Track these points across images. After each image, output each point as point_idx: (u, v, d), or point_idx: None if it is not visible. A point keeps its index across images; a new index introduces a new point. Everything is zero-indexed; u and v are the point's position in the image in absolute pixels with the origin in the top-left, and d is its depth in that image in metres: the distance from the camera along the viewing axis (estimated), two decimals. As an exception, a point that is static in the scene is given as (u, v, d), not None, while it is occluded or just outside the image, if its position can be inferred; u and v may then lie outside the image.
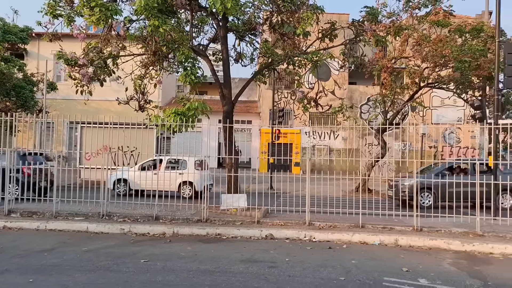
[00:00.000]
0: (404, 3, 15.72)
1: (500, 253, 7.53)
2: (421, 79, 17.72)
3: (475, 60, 15.53)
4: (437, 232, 8.59)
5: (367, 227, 8.97)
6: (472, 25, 17.08)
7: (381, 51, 18.53)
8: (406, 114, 20.51)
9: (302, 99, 13.51)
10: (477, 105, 14.89)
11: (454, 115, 28.79)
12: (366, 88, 29.70)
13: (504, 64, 10.45)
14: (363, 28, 12.51)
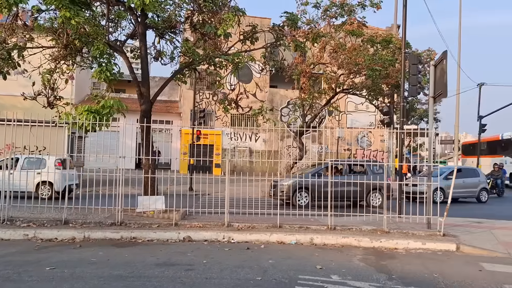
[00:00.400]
0: (322, 12, 16.42)
1: (403, 248, 8.09)
2: (337, 85, 18.64)
3: (384, 69, 16.68)
4: (349, 230, 9.03)
5: (284, 227, 9.16)
6: (382, 37, 18.33)
7: (300, 56, 19.18)
8: (323, 118, 21.43)
9: (223, 100, 13.51)
10: (386, 111, 15.99)
11: (367, 120, 30.69)
12: (286, 91, 30.54)
13: (409, 74, 11.29)
14: (283, 33, 12.80)
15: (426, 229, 9.08)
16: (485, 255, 7.64)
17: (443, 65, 9.01)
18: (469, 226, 10.17)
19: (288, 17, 12.57)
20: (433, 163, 9.67)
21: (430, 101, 9.49)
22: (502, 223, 11.05)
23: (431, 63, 9.67)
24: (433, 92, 9.36)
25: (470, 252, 7.83)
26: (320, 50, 18.61)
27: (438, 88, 9.19)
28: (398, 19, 24.14)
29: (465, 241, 8.32)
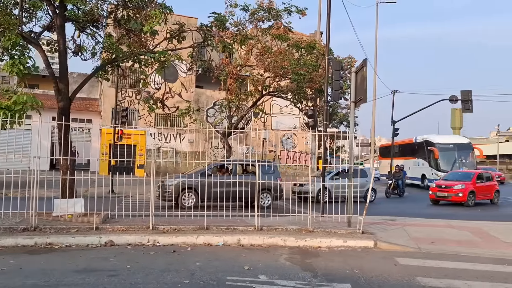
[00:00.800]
0: (250, 15, 16.61)
1: (327, 246, 8.42)
2: (264, 87, 18.95)
3: (309, 74, 17.27)
4: (275, 230, 9.19)
5: (211, 229, 9.10)
6: (307, 42, 18.98)
7: (227, 58, 19.23)
8: (250, 119, 21.66)
9: (148, 99, 13.12)
10: (311, 114, 16.54)
11: (291, 122, 31.57)
12: (213, 92, 30.45)
13: (332, 79, 11.78)
14: (211, 33, 12.74)
15: (347, 227, 9.53)
16: (399, 250, 8.19)
17: (364, 72, 9.54)
18: (385, 223, 10.85)
19: (216, 17, 12.54)
20: (353, 165, 10.15)
21: (351, 105, 10.00)
22: (413, 220, 11.95)
23: (352, 70, 10.18)
24: (354, 97, 9.86)
25: (386, 248, 8.34)
26: (247, 53, 18.81)
27: (359, 94, 9.71)
28: (322, 26, 25.21)
29: (382, 238, 8.86)
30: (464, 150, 28.12)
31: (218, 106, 24.96)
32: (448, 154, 27.49)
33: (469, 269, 6.90)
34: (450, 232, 10.02)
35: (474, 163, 28.25)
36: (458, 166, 26.68)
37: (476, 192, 18.40)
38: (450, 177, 20.42)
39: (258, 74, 19.17)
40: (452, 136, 31.97)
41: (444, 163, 27.08)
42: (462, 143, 28.91)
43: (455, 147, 27.97)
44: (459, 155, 27.51)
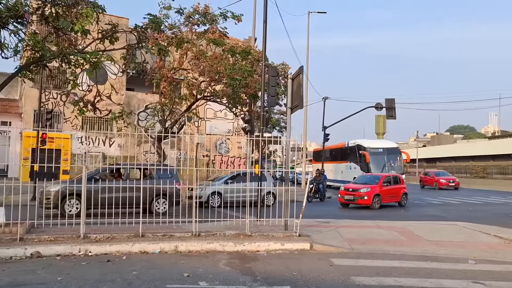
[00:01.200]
0: (185, 18, 16.42)
1: (265, 250, 8.52)
2: (198, 91, 18.79)
3: (244, 79, 17.41)
4: (213, 235, 9.13)
5: (147, 236, 8.84)
6: (242, 48, 19.13)
7: (161, 61, 18.81)
8: (183, 123, 21.33)
9: (77, 101, 12.46)
10: (248, 119, 16.72)
11: (225, 127, 31.61)
12: (145, 95, 29.66)
13: (268, 85, 12.00)
14: (146, 35, 12.42)
15: (284, 230, 9.71)
16: (333, 251, 8.50)
17: (300, 79, 9.83)
18: (320, 226, 11.22)
19: (151, 19, 12.24)
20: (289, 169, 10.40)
21: (288, 112, 10.24)
22: (345, 221, 12.48)
23: (289, 76, 10.45)
24: (290, 104, 10.12)
25: (321, 250, 8.62)
26: (182, 56, 18.56)
27: (295, 100, 9.98)
28: (256, 32, 25.60)
29: (317, 240, 9.15)
30: (393, 154, 29.26)
31: (151, 110, 24.28)
32: (378, 158, 28.48)
33: (398, 266, 7.34)
34: (379, 232, 10.60)
35: (401, 167, 29.50)
36: (388, 170, 27.78)
37: (381, 195, 18.66)
38: (359, 180, 20.92)
39: (193, 78, 18.98)
40: (382, 140, 33.58)
41: (375, 166, 28.02)
42: (391, 147, 30.09)
43: (385, 151, 29.08)
44: (388, 159, 28.65)
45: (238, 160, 31.24)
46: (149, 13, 12.30)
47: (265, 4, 12.40)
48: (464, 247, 9.09)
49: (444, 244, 9.28)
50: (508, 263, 7.75)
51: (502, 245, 9.38)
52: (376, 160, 28.35)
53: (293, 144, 66.85)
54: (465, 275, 6.84)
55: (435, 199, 24.88)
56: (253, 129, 14.74)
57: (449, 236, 10.34)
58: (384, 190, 19.00)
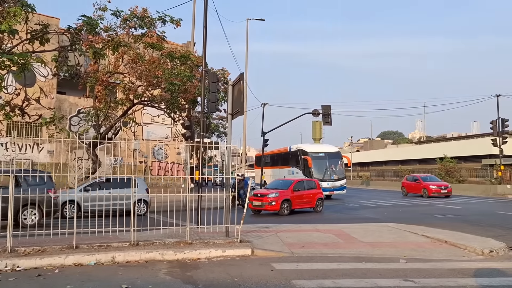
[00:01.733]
0: (122, 21, 15.93)
1: (206, 257, 8.45)
2: (135, 96, 18.28)
3: (183, 84, 17.21)
4: (152, 244, 8.90)
5: (82, 247, 8.42)
6: (181, 52, 18.91)
7: (96, 64, 18.10)
8: (119, 129, 20.63)
9: (3, 106, 11.65)
10: (187, 125, 16.49)
11: (163, 133, 30.96)
12: (78, 99, 28.34)
13: (208, 91, 11.97)
14: (80, 37, 11.94)
15: (225, 237, 9.69)
16: (274, 256, 8.62)
17: (240, 86, 9.90)
18: (260, 231, 11.32)
19: (86, 21, 11.80)
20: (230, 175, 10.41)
21: (228, 118, 10.25)
22: (284, 226, 12.70)
23: (229, 83, 10.48)
24: (231, 110, 10.15)
25: (262, 255, 8.71)
26: (118, 59, 17.98)
27: (236, 106, 10.03)
28: (195, 36, 25.42)
29: (258, 245, 9.22)
30: (334, 159, 29.57)
31: (84, 115, 23.25)
32: (320, 163, 28.69)
33: (336, 268, 7.60)
34: (318, 235, 10.91)
35: (343, 171, 29.85)
36: (330, 174, 28.21)
37: (292, 201, 17.94)
38: (271, 185, 20.23)
39: (130, 82, 18.43)
40: (324, 145, 33.56)
41: (317, 171, 28.22)
42: (333, 152, 30.34)
43: (326, 156, 29.31)
44: (330, 163, 28.87)
45: (176, 166, 30.73)
46: (83, 14, 11.86)
47: (205, 10, 12.38)
48: (395, 247, 9.60)
49: (377, 245, 9.74)
50: (434, 261, 8.30)
51: (429, 244, 10.02)
52: (318, 165, 28.52)
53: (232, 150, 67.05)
54: (397, 274, 7.23)
55: (369, 201, 26.05)
56: (193, 135, 14.56)
57: (382, 237, 10.87)
58: (296, 195, 18.32)
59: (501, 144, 32.67)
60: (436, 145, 59.77)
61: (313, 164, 28.29)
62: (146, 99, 18.81)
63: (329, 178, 28.31)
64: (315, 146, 32.58)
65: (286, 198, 17.75)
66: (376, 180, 55.56)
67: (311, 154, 28.98)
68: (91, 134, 20.52)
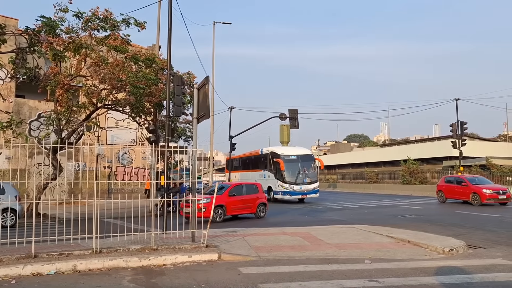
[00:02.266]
0: (84, 22, 15.50)
1: (172, 263, 8.29)
2: (98, 99, 17.81)
3: (148, 87, 16.91)
4: (116, 251, 8.66)
5: (41, 256, 8.09)
6: (145, 55, 18.59)
7: (56, 66, 17.54)
8: (82, 133, 20.05)
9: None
10: (152, 129, 16.21)
11: (128, 137, 30.33)
12: (38, 103, 27.39)
13: (174, 94, 11.81)
14: (39, 39, 11.54)
15: (191, 242, 9.55)
16: (241, 260, 8.56)
17: (206, 89, 9.81)
18: (227, 235, 11.24)
19: (45, 22, 11.42)
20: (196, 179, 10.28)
21: (194, 121, 10.14)
22: (252, 230, 12.65)
23: (194, 86, 10.37)
24: (197, 113, 10.04)
25: (229, 259, 8.63)
26: (80, 62, 17.48)
27: (201, 110, 9.92)
28: (161, 39, 25.06)
29: (225, 250, 9.14)
30: (307, 161, 28.68)
31: (45, 119, 22.48)
32: (292, 165, 27.89)
33: (302, 271, 7.62)
34: (285, 238, 10.93)
35: (316, 174, 29.02)
36: (302, 177, 27.51)
37: (227, 206, 16.84)
38: (209, 191, 18.32)
39: (93, 86, 17.94)
40: (296, 147, 31.86)
41: (289, 174, 27.51)
42: (305, 154, 29.41)
43: (299, 158, 28.43)
44: (302, 166, 28.09)
45: (142, 171, 30.15)
46: (43, 15, 11.48)
47: (170, 12, 12.22)
48: (360, 248, 9.74)
49: (343, 246, 9.86)
50: (397, 261, 8.47)
51: (392, 244, 10.23)
52: (290, 168, 27.81)
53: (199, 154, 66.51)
54: (362, 274, 7.33)
55: (336, 204, 26.43)
56: (158, 139, 14.30)
57: (348, 238, 11.02)
58: (231, 200, 17.18)
59: (460, 146, 33.85)
60: (400, 147, 61.34)
61: (285, 167, 27.48)
62: (110, 102, 18.36)
63: (301, 181, 27.63)
64: (287, 148, 31.18)
65: (219, 204, 16.47)
66: (343, 182, 56.46)
67: (283, 157, 28.11)
68: (52, 139, 19.85)
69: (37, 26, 11.96)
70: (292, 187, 27.29)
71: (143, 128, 21.33)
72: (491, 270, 7.61)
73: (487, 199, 22.20)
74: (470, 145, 38.50)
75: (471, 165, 39.51)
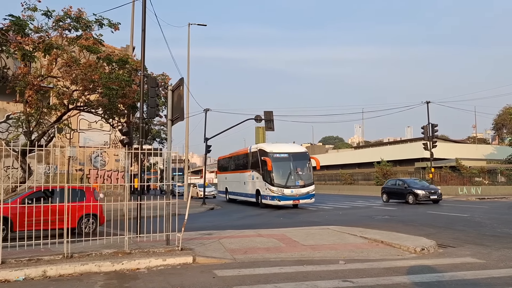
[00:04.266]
0: (54, 22, 15.10)
1: (146, 267, 8.18)
2: (70, 101, 17.38)
3: (121, 89, 16.58)
4: (88, 256, 8.48)
5: (9, 262, 7.84)
6: (119, 56, 18.24)
7: (26, 66, 17.03)
8: (53, 135, 19.54)
9: None
10: (126, 131, 15.90)
11: (101, 139, 29.75)
12: (6, 104, 26.58)
13: (148, 96, 11.68)
14: (7, 38, 11.21)
15: (166, 245, 9.44)
16: (216, 263, 8.52)
17: (180, 91, 9.73)
18: (202, 238, 11.16)
19: (14, 21, 11.11)
20: (171, 182, 10.17)
21: (168, 123, 10.05)
22: (227, 232, 12.61)
23: (169, 88, 10.27)
24: (171, 115, 9.95)
25: (204, 262, 8.58)
26: (51, 62, 17.03)
27: (175, 112, 9.84)
28: (134, 40, 24.75)
29: (200, 253, 9.08)
30: (301, 160, 24.58)
31: (14, 121, 21.80)
32: (282, 165, 23.89)
33: (278, 272, 7.64)
34: (260, 240, 10.94)
35: (311, 175, 24.87)
36: (294, 179, 23.69)
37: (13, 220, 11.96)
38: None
39: (64, 87, 17.49)
40: (288, 144, 27.97)
41: (279, 175, 23.60)
42: (299, 152, 25.32)
43: (291, 157, 24.35)
44: (295, 166, 24.09)
45: (115, 174, 29.63)
46: (11, 14, 11.15)
47: (144, 13, 12.09)
48: (335, 249, 9.85)
49: (318, 248, 9.94)
50: (371, 261, 8.60)
51: (366, 245, 10.38)
52: (279, 168, 23.71)
53: (174, 156, 65.92)
54: (336, 275, 7.40)
55: (311, 205, 26.61)
56: (132, 141, 14.07)
57: (323, 239, 11.12)
58: (25, 211, 12.05)
59: (431, 148, 34.70)
60: (373, 149, 62.44)
61: (273, 167, 23.45)
62: (82, 104, 17.92)
63: (293, 184, 23.62)
64: (277, 145, 26.30)
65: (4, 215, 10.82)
66: (318, 184, 56.84)
67: (272, 155, 23.92)
68: (22, 141, 19.27)
69: (5, 25, 11.61)
70: (281, 191, 23.42)
71: (116, 130, 20.95)
72: (460, 269, 7.82)
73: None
74: (440, 147, 39.51)
75: (441, 166, 40.58)
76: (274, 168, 23.56)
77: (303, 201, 24.04)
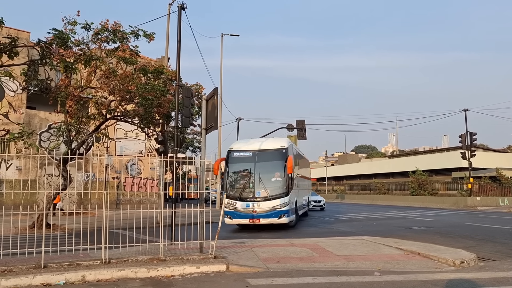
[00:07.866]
0: (93, 35, 15.72)
1: (180, 274, 8.28)
2: (108, 111, 17.99)
3: (157, 99, 17.05)
4: (124, 262, 8.68)
5: (50, 267, 8.13)
6: (154, 67, 18.77)
7: (67, 78, 17.78)
8: (91, 144, 20.21)
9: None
10: (161, 140, 16.28)
11: (137, 148, 30.53)
12: (48, 114, 27.75)
13: (182, 105, 11.91)
14: (51, 51, 11.73)
15: (199, 253, 9.54)
16: (249, 272, 8.52)
17: (214, 100, 9.89)
18: (235, 246, 11.21)
19: (57, 34, 11.62)
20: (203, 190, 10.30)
21: (202, 132, 10.20)
22: (260, 241, 12.61)
23: (203, 97, 10.44)
24: (205, 124, 10.11)
25: (237, 271, 8.60)
26: (90, 74, 17.70)
27: (210, 121, 9.99)
28: (170, 51, 25.37)
29: (233, 261, 9.12)
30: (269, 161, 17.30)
31: (55, 130, 22.71)
32: (240, 167, 17.47)
33: (311, 282, 7.56)
34: (293, 250, 10.87)
35: (284, 182, 16.78)
36: (252, 188, 16.81)
37: None
38: None
39: (102, 97, 18.14)
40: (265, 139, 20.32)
41: (232, 181, 17.56)
42: (267, 150, 17.57)
43: (254, 156, 17.29)
44: (258, 168, 16.88)
45: (150, 182, 30.24)
46: (54, 28, 11.68)
47: (179, 25, 12.39)
48: (370, 259, 9.66)
49: (352, 258, 9.78)
50: (407, 273, 8.38)
51: (402, 256, 10.13)
52: (235, 172, 17.51)
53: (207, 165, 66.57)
54: (371, 286, 7.26)
55: (344, 215, 26.25)
56: (167, 150, 14.34)
57: (357, 250, 10.93)
58: None
59: (470, 157, 33.60)
60: (408, 158, 61.01)
61: (229, 170, 17.57)
62: (119, 114, 18.53)
63: (250, 195, 16.76)
64: (248, 141, 19.00)
65: None
66: (351, 193, 56.16)
67: (231, 154, 17.80)
68: (62, 150, 20.03)
69: (49, 38, 12.15)
70: (234, 205, 16.79)
71: (151, 139, 21.44)
72: (503, 283, 7.50)
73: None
74: (479, 156, 38.21)
75: (481, 176, 39.15)
76: (230, 172, 17.51)
77: (266, 220, 16.51)
